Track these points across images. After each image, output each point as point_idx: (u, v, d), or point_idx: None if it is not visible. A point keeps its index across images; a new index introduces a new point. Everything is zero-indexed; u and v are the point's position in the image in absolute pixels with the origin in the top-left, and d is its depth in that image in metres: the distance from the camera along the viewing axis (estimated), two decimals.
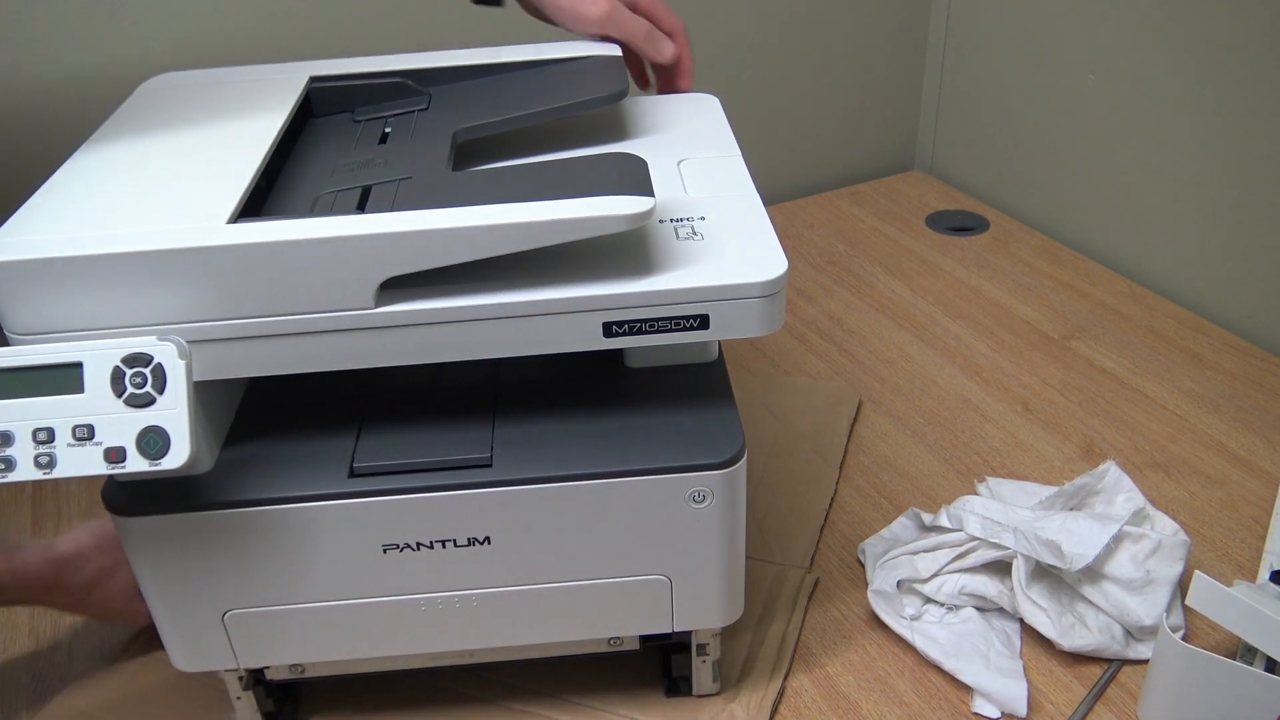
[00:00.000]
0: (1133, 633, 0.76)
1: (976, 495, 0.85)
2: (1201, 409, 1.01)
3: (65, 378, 0.53)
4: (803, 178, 1.49)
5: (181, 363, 0.53)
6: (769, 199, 0.64)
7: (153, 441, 0.53)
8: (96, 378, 0.53)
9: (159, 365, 0.53)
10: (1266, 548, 0.84)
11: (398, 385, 0.65)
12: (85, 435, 0.53)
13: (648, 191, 0.55)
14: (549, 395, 0.64)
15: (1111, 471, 0.84)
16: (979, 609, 0.78)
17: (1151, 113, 1.17)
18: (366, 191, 0.61)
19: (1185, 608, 0.77)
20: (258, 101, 0.70)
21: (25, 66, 1.02)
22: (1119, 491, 0.84)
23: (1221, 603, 0.68)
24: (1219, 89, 1.09)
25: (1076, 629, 0.75)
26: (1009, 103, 1.37)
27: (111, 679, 0.77)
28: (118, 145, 0.65)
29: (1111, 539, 0.76)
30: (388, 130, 0.72)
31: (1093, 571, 0.76)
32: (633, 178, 0.57)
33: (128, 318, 0.54)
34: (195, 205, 0.57)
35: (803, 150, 1.48)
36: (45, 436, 0.53)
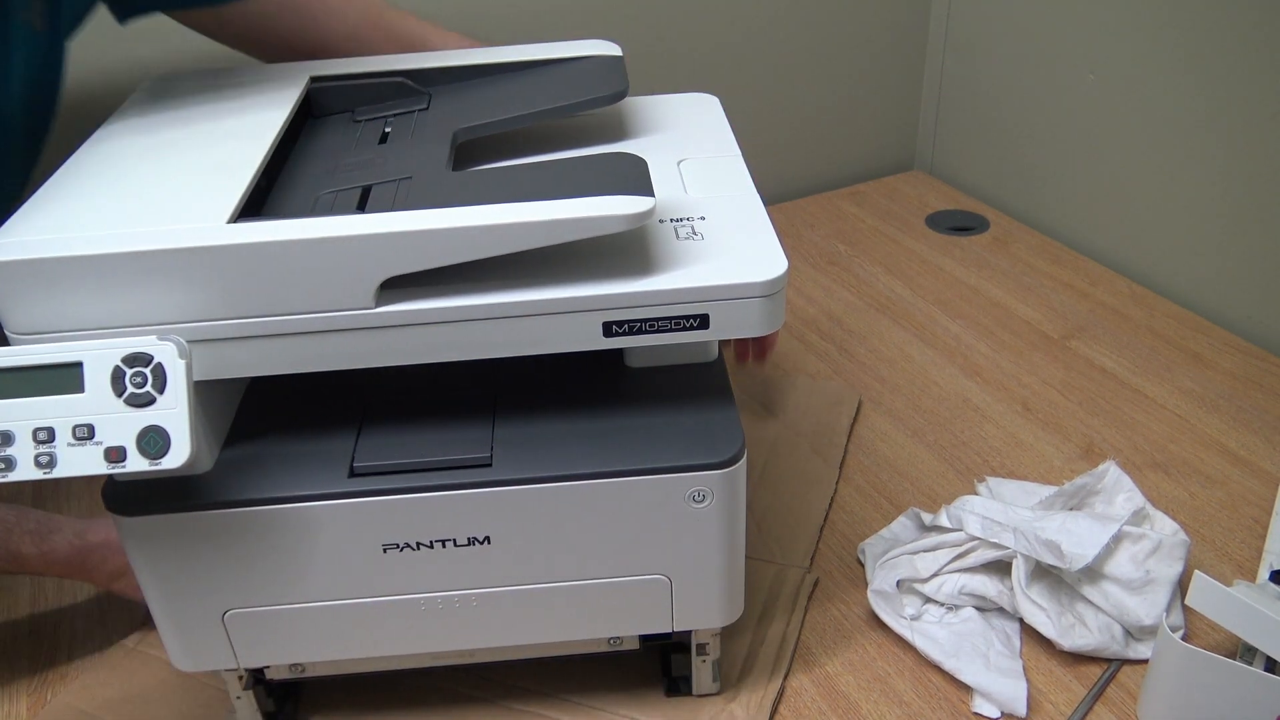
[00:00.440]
0: (1132, 633, 0.76)
1: (976, 495, 0.85)
2: (1201, 409, 1.01)
3: (65, 377, 0.53)
4: (803, 178, 1.49)
5: (182, 362, 0.53)
6: (769, 199, 0.64)
7: (153, 441, 0.53)
8: (97, 377, 0.53)
9: (159, 365, 0.53)
10: (1266, 548, 0.84)
11: (398, 385, 0.65)
12: (85, 435, 0.53)
13: (648, 191, 0.55)
14: (549, 395, 0.64)
15: (1111, 471, 0.84)
16: (979, 609, 0.78)
17: (1152, 112, 1.17)
18: (367, 191, 0.62)
19: (1185, 608, 0.77)
20: (258, 101, 0.71)
21: None
22: (1119, 491, 0.84)
23: (1221, 603, 0.68)
24: (1219, 89, 1.09)
25: (1076, 629, 0.75)
26: (1009, 103, 1.37)
27: (112, 679, 0.77)
28: (118, 145, 0.65)
29: (1111, 539, 0.76)
30: (388, 130, 0.72)
31: (1092, 571, 0.76)
32: (633, 177, 0.57)
33: (128, 317, 0.54)
34: (195, 205, 0.57)
35: (803, 150, 1.48)
36: (45, 436, 0.53)
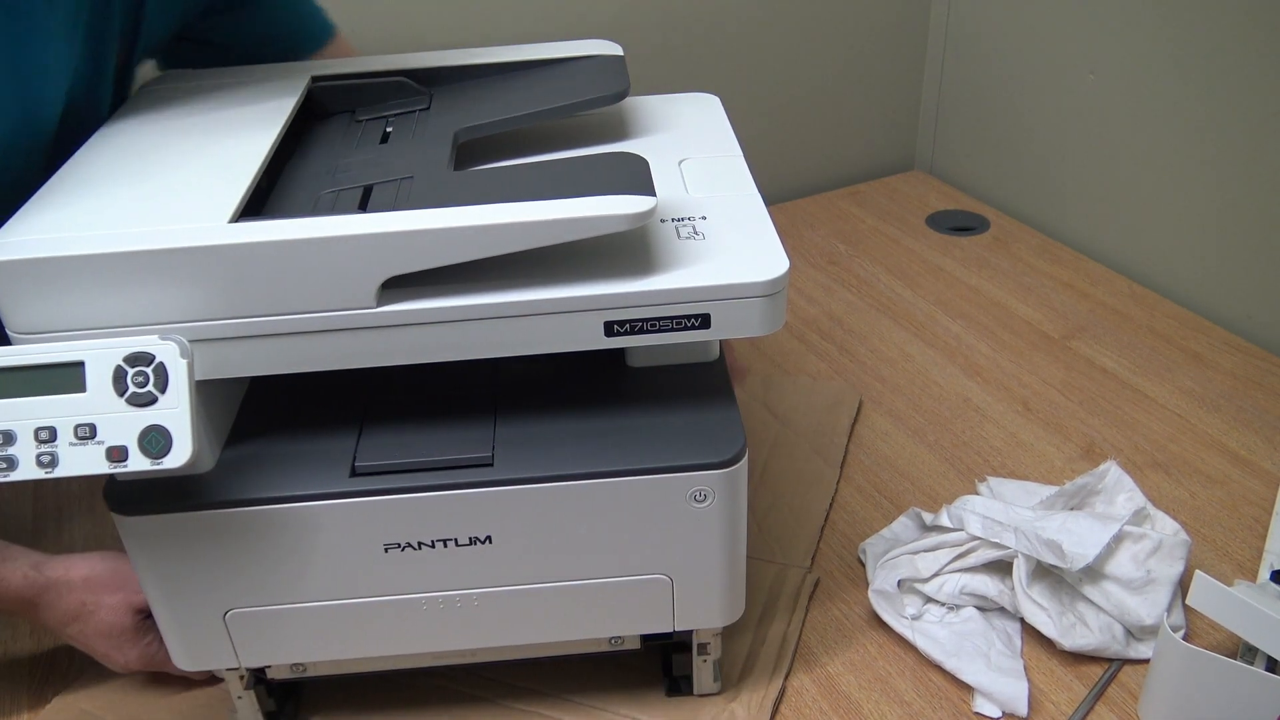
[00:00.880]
0: (1133, 632, 0.76)
1: (977, 495, 0.85)
2: (1201, 409, 1.01)
3: (67, 377, 0.53)
4: (803, 178, 1.49)
5: (183, 362, 0.53)
6: (769, 199, 0.64)
7: (154, 441, 0.53)
8: (98, 377, 0.53)
9: (161, 364, 0.53)
10: (1266, 547, 0.84)
11: (399, 384, 0.65)
12: (87, 434, 0.53)
13: (649, 191, 0.55)
14: (550, 394, 0.64)
15: (1112, 471, 0.84)
16: (980, 608, 0.78)
17: (1151, 112, 1.17)
18: (368, 191, 0.62)
19: (1186, 607, 0.77)
20: (259, 101, 0.71)
21: None
22: (1119, 491, 0.84)
23: (1222, 602, 0.68)
24: (1219, 89, 1.09)
25: (1077, 628, 0.75)
26: (1009, 103, 1.37)
27: (112, 678, 0.77)
28: (119, 145, 0.65)
29: (1112, 539, 0.76)
30: (389, 130, 0.72)
31: (1093, 571, 0.76)
32: (634, 177, 0.57)
33: (129, 317, 0.54)
34: (197, 204, 0.57)
35: (803, 150, 1.48)
36: (47, 435, 0.53)
